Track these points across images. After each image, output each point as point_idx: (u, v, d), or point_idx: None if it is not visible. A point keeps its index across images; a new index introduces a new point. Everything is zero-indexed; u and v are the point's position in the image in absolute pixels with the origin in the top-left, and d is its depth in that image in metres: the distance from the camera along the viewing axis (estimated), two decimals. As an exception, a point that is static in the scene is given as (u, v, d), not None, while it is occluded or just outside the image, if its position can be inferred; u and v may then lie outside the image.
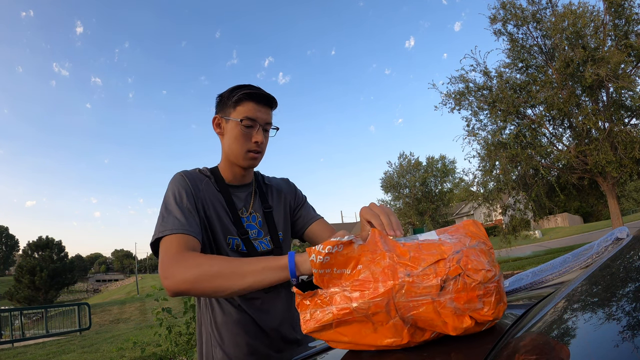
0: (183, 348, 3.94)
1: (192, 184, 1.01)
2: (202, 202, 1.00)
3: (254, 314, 1.05)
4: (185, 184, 1.00)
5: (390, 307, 0.52)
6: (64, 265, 35.15)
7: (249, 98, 1.02)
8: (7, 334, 10.03)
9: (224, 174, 1.10)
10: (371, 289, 0.53)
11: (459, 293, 0.49)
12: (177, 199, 0.96)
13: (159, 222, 0.92)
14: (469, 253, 0.52)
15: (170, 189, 0.99)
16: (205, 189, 1.03)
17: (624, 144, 8.25)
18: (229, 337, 1.04)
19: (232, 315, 1.05)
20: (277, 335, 1.06)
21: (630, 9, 8.42)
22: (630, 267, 0.53)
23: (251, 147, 1.03)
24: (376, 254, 0.56)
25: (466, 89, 9.83)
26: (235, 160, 1.05)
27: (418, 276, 0.51)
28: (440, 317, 0.50)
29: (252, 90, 1.02)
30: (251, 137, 1.02)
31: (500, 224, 13.14)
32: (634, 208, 35.74)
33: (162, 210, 0.94)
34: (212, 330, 1.07)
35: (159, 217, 0.94)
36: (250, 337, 1.04)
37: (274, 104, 1.07)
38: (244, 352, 1.03)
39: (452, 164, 24.99)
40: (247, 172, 1.11)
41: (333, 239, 0.57)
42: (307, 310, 0.57)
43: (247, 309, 1.05)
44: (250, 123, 1.01)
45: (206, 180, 1.06)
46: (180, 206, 0.94)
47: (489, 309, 0.49)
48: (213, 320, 1.07)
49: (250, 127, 1.02)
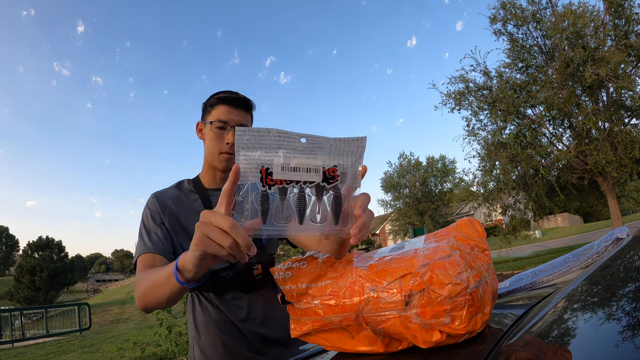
0: (183, 348, 3.94)
1: (160, 203, 1.09)
2: (172, 216, 1.07)
3: (232, 315, 1.06)
4: (152, 204, 1.09)
5: (360, 321, 0.53)
6: (64, 266, 35.14)
7: (221, 102, 1.07)
8: (7, 334, 10.03)
9: (204, 178, 1.15)
10: (339, 304, 0.53)
11: (424, 308, 0.48)
12: (144, 222, 1.06)
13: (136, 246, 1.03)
14: (436, 266, 0.50)
15: (143, 211, 1.09)
16: (176, 203, 1.10)
17: (624, 144, 8.25)
18: (206, 336, 1.07)
19: (210, 315, 1.07)
20: (257, 337, 1.07)
21: (630, 9, 8.42)
22: (630, 267, 0.53)
23: (223, 148, 1.07)
24: (344, 269, 0.57)
25: (466, 89, 9.84)
26: (212, 162, 1.10)
27: (383, 291, 0.51)
28: (409, 330, 0.50)
29: (224, 94, 1.07)
30: (223, 139, 1.06)
31: (500, 224, 13.16)
32: (634, 208, 35.74)
33: (139, 235, 1.05)
34: (193, 328, 1.10)
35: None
36: (227, 338, 1.05)
37: (249, 107, 1.11)
38: (220, 352, 1.05)
39: (452, 164, 24.97)
40: (226, 174, 1.13)
41: (294, 257, 0.59)
42: (294, 316, 0.59)
43: (225, 309, 1.07)
44: (222, 125, 1.06)
45: (178, 195, 1.11)
46: (147, 227, 1.04)
47: (459, 323, 0.47)
48: (194, 319, 1.11)
49: (222, 128, 1.06)
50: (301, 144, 0.50)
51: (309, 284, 0.57)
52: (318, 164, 0.51)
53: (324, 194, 0.53)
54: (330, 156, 0.52)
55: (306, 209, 0.52)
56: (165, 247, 1.01)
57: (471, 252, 0.54)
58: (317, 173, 0.51)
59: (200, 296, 1.10)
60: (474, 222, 0.62)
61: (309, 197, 0.52)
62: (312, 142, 0.51)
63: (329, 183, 0.52)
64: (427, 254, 0.53)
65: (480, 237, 0.59)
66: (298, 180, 0.51)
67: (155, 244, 0.99)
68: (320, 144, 0.51)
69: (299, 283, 0.57)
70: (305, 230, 0.53)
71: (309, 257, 0.59)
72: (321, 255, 0.59)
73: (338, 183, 0.52)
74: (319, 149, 0.51)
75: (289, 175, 0.51)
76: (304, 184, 0.51)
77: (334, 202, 0.52)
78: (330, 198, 0.53)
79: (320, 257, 0.59)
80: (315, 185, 0.52)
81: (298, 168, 0.51)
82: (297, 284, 0.57)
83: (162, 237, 1.02)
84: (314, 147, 0.51)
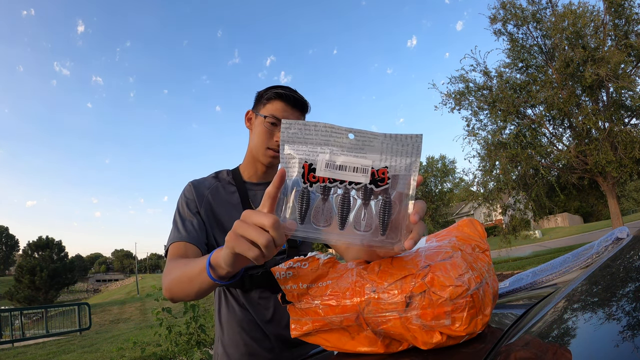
0: (183, 348, 3.94)
1: (197, 192, 1.05)
2: (208, 207, 1.04)
3: (257, 314, 1.03)
4: (189, 192, 1.05)
5: (360, 321, 0.53)
6: (64, 265, 35.12)
7: (279, 98, 1.04)
8: (7, 334, 10.02)
9: (245, 171, 1.12)
10: (339, 304, 0.53)
11: (425, 309, 0.48)
12: (180, 209, 1.02)
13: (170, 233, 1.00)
14: (437, 268, 0.49)
15: (179, 198, 1.06)
16: (213, 193, 1.06)
17: (624, 144, 8.25)
18: (229, 335, 1.05)
19: (235, 313, 1.05)
20: (280, 339, 1.03)
21: (630, 9, 8.42)
22: (630, 267, 0.53)
23: (272, 144, 1.04)
24: (345, 269, 0.57)
25: (466, 89, 9.83)
26: (257, 155, 1.07)
27: (384, 292, 0.50)
28: (410, 332, 0.50)
29: (284, 91, 1.04)
30: (273, 135, 1.03)
31: (500, 224, 13.15)
32: (634, 208, 35.71)
33: (173, 222, 1.02)
34: (218, 325, 1.08)
35: None
36: (249, 338, 1.03)
37: (305, 108, 1.08)
38: (241, 352, 1.02)
39: (452, 164, 24.96)
40: (269, 170, 1.10)
41: (296, 257, 0.59)
42: (294, 316, 0.59)
43: (250, 308, 1.04)
44: (275, 121, 1.03)
45: (216, 185, 1.08)
46: (182, 216, 1.01)
47: (460, 325, 0.47)
48: (219, 316, 1.08)
49: (274, 124, 1.03)
50: (349, 141, 0.46)
51: (309, 284, 0.57)
52: (367, 164, 0.47)
53: (372, 199, 0.47)
54: (382, 156, 0.47)
55: (350, 212, 0.48)
56: (200, 237, 0.98)
57: (472, 253, 0.54)
58: (364, 174, 0.47)
59: (227, 293, 1.07)
60: (475, 222, 0.62)
61: (354, 200, 0.48)
62: (362, 139, 0.47)
63: (377, 186, 0.47)
64: (429, 255, 0.53)
65: (481, 237, 0.59)
66: (343, 180, 0.47)
67: (189, 232, 0.96)
68: (370, 141, 0.46)
69: (299, 283, 0.57)
70: (347, 237, 0.48)
71: (311, 257, 0.59)
72: (322, 256, 0.59)
73: (388, 187, 0.47)
74: (368, 147, 0.47)
75: (333, 174, 0.46)
76: (349, 184, 0.47)
77: (383, 208, 0.47)
78: (379, 204, 0.47)
79: (322, 258, 0.59)
80: (362, 188, 0.47)
81: (344, 167, 0.46)
82: (298, 284, 0.57)
83: (197, 227, 0.98)
84: (363, 145, 0.47)
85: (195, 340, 3.94)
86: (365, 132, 0.46)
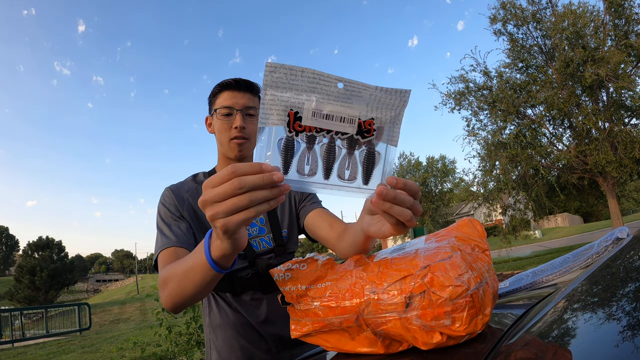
0: (183, 348, 3.94)
1: (177, 196, 1.03)
2: (191, 210, 1.01)
3: (250, 317, 1.02)
4: (169, 198, 1.02)
5: (360, 322, 0.53)
6: (64, 266, 35.14)
7: (224, 88, 1.04)
8: (7, 334, 10.02)
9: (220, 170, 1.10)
10: (339, 306, 0.53)
11: (425, 310, 0.48)
12: (162, 216, 0.99)
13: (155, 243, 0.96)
14: (436, 268, 0.49)
15: (158, 206, 1.03)
16: (193, 196, 1.04)
17: (624, 144, 8.25)
18: (223, 339, 1.03)
19: (227, 316, 1.03)
20: (277, 340, 1.02)
21: (630, 9, 8.42)
22: (630, 267, 0.53)
23: (232, 134, 1.02)
24: (344, 270, 0.57)
25: (466, 89, 9.83)
26: (225, 152, 1.05)
27: (383, 293, 0.51)
28: (410, 332, 0.50)
29: (226, 81, 1.04)
30: (231, 125, 1.02)
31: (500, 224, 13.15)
32: (634, 208, 35.72)
33: (156, 230, 0.98)
34: (210, 330, 1.06)
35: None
36: (245, 341, 1.01)
37: (254, 89, 1.06)
38: (238, 356, 1.01)
39: (452, 164, 24.96)
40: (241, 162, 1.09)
41: (294, 259, 0.58)
42: (294, 317, 0.59)
43: (243, 311, 1.02)
44: (227, 110, 1.02)
45: (195, 187, 1.06)
46: (166, 222, 0.97)
47: (460, 325, 0.47)
48: (210, 321, 1.06)
49: (228, 114, 1.02)
50: (337, 90, 0.45)
51: (308, 286, 0.57)
52: (354, 114, 0.46)
53: (356, 149, 0.47)
54: (369, 107, 0.46)
55: (335, 162, 0.47)
56: (189, 240, 0.93)
57: (472, 253, 0.54)
58: (351, 124, 0.46)
59: (217, 297, 1.05)
60: (475, 222, 0.62)
61: (339, 150, 0.47)
62: (350, 89, 0.45)
63: (363, 137, 0.46)
64: (428, 255, 0.53)
65: (481, 237, 0.59)
66: (329, 130, 0.46)
67: (178, 236, 0.91)
68: (359, 92, 0.45)
69: (298, 284, 0.57)
70: (331, 187, 0.48)
71: (309, 259, 0.59)
72: (321, 257, 0.59)
73: (373, 138, 0.47)
74: (356, 97, 0.45)
75: (319, 123, 0.45)
76: (335, 134, 0.46)
77: (367, 158, 0.47)
78: (363, 154, 0.47)
79: (321, 259, 0.59)
80: (347, 138, 0.46)
81: (331, 116, 0.45)
82: (297, 285, 0.57)
83: (185, 230, 0.95)
84: (351, 95, 0.45)
85: (195, 341, 3.94)
86: (356, 83, 0.46)
